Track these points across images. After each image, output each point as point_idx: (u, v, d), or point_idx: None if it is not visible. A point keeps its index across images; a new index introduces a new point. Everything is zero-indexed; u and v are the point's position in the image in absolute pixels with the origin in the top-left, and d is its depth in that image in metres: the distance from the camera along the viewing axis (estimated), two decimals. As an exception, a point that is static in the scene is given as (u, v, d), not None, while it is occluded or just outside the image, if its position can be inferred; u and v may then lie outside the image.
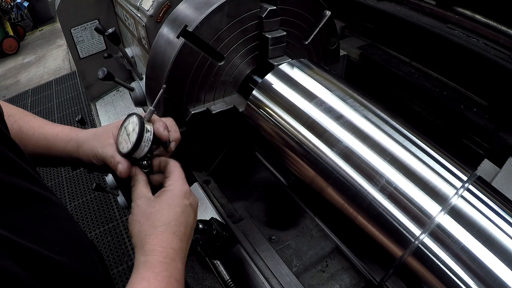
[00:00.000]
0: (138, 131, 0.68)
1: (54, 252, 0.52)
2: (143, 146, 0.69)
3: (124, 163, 0.70)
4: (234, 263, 0.98)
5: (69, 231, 0.60)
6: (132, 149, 0.68)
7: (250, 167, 1.28)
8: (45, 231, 0.53)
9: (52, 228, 0.55)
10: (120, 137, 0.72)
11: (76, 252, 0.59)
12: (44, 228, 0.53)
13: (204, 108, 0.97)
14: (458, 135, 1.31)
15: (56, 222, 0.57)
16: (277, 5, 0.94)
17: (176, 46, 0.87)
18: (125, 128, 0.72)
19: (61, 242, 0.55)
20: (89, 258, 0.63)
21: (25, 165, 0.55)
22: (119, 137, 0.73)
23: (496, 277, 0.55)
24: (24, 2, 7.36)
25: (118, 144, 0.72)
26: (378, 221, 0.64)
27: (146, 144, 0.70)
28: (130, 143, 0.69)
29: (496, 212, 0.61)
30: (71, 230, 0.61)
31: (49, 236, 0.53)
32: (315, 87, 0.82)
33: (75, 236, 0.61)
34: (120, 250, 2.86)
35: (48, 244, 0.52)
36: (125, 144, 0.70)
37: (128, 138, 0.70)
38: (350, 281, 0.96)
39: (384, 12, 1.54)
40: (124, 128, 0.72)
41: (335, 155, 0.71)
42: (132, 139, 0.69)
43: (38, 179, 0.57)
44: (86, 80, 2.07)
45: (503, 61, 1.17)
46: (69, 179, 3.65)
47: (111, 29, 1.32)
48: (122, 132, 0.72)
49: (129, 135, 0.70)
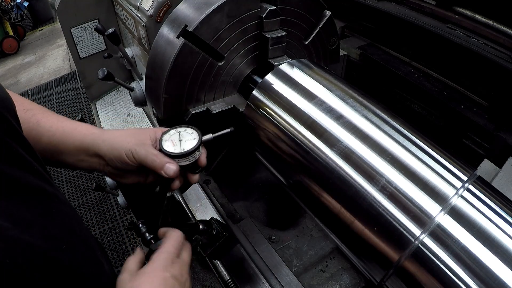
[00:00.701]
0: (196, 145, 0.74)
1: (60, 249, 0.52)
2: (190, 158, 0.75)
3: (174, 163, 0.73)
4: (234, 263, 0.98)
5: (75, 229, 0.60)
6: (182, 154, 0.73)
7: (250, 167, 1.28)
8: (52, 228, 0.53)
9: (58, 225, 0.55)
10: (168, 136, 0.77)
11: (82, 251, 0.59)
12: (52, 224, 0.53)
13: (204, 108, 0.97)
14: (458, 135, 1.31)
15: (63, 220, 0.57)
16: (277, 5, 0.94)
17: (176, 46, 0.87)
18: (179, 133, 0.77)
19: (67, 239, 0.55)
20: (94, 257, 0.63)
21: (34, 162, 0.55)
22: (166, 136, 0.76)
23: (496, 277, 0.55)
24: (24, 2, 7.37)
25: (163, 142, 0.75)
26: (378, 221, 0.64)
27: (191, 159, 0.75)
28: (180, 148, 0.74)
29: (496, 212, 0.61)
30: (77, 228, 0.61)
31: (55, 232, 0.53)
32: (315, 87, 0.82)
33: (81, 234, 0.61)
34: (120, 250, 2.85)
35: (55, 241, 0.52)
36: (172, 146, 0.75)
37: (180, 143, 0.75)
38: (350, 281, 0.96)
39: (384, 12, 1.54)
40: (177, 133, 0.77)
41: (335, 155, 0.71)
42: (184, 146, 0.74)
43: (46, 176, 0.57)
44: (86, 80, 2.07)
45: (503, 61, 1.17)
46: (69, 179, 3.65)
47: (111, 29, 1.32)
48: (172, 134, 0.77)
49: (180, 141, 0.76)
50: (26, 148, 0.55)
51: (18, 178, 0.50)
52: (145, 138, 0.77)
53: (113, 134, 0.78)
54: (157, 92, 0.93)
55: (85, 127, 0.79)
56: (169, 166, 0.73)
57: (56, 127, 0.77)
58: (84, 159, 0.78)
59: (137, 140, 0.76)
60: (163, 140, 0.76)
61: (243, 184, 1.25)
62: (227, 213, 1.10)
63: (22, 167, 0.52)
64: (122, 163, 0.76)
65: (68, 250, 0.54)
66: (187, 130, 0.78)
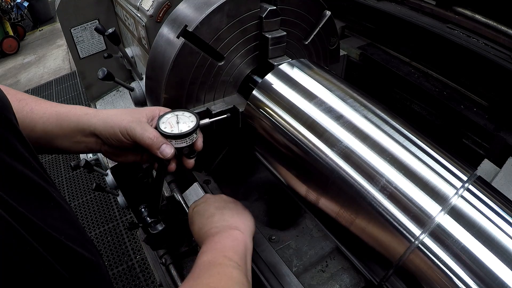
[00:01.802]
0: (194, 127, 0.74)
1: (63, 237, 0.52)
2: (187, 140, 0.74)
3: (171, 145, 0.72)
4: (234, 263, 0.98)
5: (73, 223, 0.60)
6: (179, 135, 0.73)
7: (250, 167, 1.28)
8: (53, 220, 0.53)
9: (58, 219, 0.55)
10: (165, 118, 0.76)
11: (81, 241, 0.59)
12: (52, 217, 0.53)
13: (204, 108, 0.97)
14: (458, 135, 1.31)
15: (61, 213, 0.57)
16: (277, 5, 0.94)
17: (176, 46, 0.87)
18: (176, 116, 0.76)
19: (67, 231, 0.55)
20: (94, 249, 0.63)
21: (32, 160, 0.55)
22: (164, 119, 0.76)
23: (496, 277, 0.55)
24: (24, 2, 7.37)
25: (160, 123, 0.74)
26: (378, 221, 0.64)
27: (188, 141, 0.74)
28: (178, 129, 0.73)
29: (496, 212, 0.61)
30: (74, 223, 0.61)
31: (56, 224, 0.53)
32: (315, 87, 0.82)
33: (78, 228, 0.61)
34: (120, 250, 2.86)
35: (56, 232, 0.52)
36: (170, 128, 0.74)
37: (178, 126, 0.74)
38: (350, 281, 0.96)
39: (384, 12, 1.54)
40: (174, 115, 0.76)
41: (335, 155, 0.71)
42: (181, 128, 0.74)
43: (43, 174, 0.57)
44: (86, 80, 2.07)
45: (503, 61, 1.17)
46: (69, 179, 3.65)
47: (111, 29, 1.32)
48: (170, 117, 0.76)
49: (178, 123, 0.75)
50: (24, 145, 0.55)
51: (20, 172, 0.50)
52: (141, 116, 0.75)
53: (108, 113, 0.77)
54: (157, 92, 0.93)
55: (79, 108, 0.78)
56: (165, 146, 0.72)
57: (49, 112, 0.76)
58: (80, 140, 0.77)
59: (132, 117, 0.74)
60: (160, 122, 0.75)
61: (243, 184, 1.25)
62: (227, 213, 1.10)
63: (23, 164, 0.52)
64: (117, 141, 0.74)
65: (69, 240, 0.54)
66: (185, 114, 0.78)
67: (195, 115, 0.77)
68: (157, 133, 0.73)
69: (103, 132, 0.75)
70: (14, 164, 0.49)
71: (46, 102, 0.79)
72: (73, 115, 0.76)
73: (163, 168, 0.76)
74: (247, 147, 0.97)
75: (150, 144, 0.72)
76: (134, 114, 0.76)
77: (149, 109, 0.79)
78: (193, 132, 0.74)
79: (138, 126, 0.73)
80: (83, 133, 0.76)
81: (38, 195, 0.53)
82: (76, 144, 0.78)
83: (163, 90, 0.90)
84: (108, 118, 0.75)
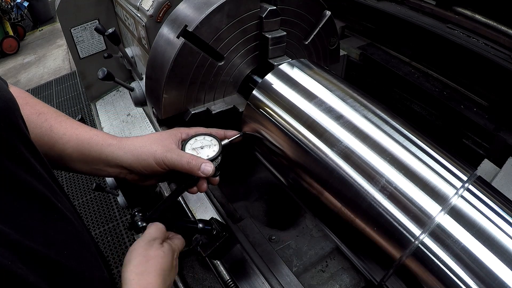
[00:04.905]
0: (218, 151, 0.83)
1: (63, 255, 0.51)
2: (214, 163, 0.81)
3: (210, 163, 0.78)
4: (234, 263, 0.98)
5: (78, 235, 0.59)
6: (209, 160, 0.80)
7: (250, 167, 1.28)
8: (55, 234, 0.52)
9: (61, 232, 0.54)
10: (189, 145, 0.83)
11: (84, 256, 0.59)
12: (54, 230, 0.52)
13: (204, 108, 0.97)
14: (458, 135, 1.31)
15: (65, 225, 0.56)
16: (277, 5, 0.94)
17: (176, 46, 0.87)
18: (199, 141, 0.84)
19: (69, 245, 0.54)
20: (97, 263, 0.63)
21: (39, 167, 0.54)
22: (188, 146, 0.82)
23: (496, 277, 0.55)
24: (24, 2, 7.37)
25: (186, 150, 0.81)
26: (378, 221, 0.64)
27: (215, 164, 0.81)
28: (205, 155, 0.81)
29: (496, 212, 0.61)
30: (80, 235, 0.60)
31: (58, 238, 0.52)
32: (315, 87, 0.82)
33: (83, 241, 0.61)
34: (120, 250, 2.86)
35: (57, 247, 0.51)
36: (196, 154, 0.81)
37: (202, 150, 0.82)
38: (350, 281, 0.96)
39: (384, 12, 1.54)
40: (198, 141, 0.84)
41: (335, 155, 0.71)
42: (208, 153, 0.82)
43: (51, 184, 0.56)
44: (86, 80, 2.07)
45: (503, 61, 1.17)
46: (69, 179, 3.65)
47: (111, 29, 1.32)
48: (193, 143, 0.83)
49: (202, 148, 0.83)
50: (32, 153, 0.54)
51: (23, 180, 0.49)
52: (169, 143, 0.79)
53: (134, 144, 0.77)
54: (157, 92, 0.93)
55: (102, 136, 0.78)
56: (205, 166, 0.77)
57: (69, 134, 0.76)
58: (103, 169, 0.78)
59: (163, 146, 0.77)
60: (186, 149, 0.81)
61: (243, 184, 1.25)
62: (227, 213, 1.10)
63: (27, 171, 0.51)
64: (151, 171, 0.77)
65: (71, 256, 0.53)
66: (205, 138, 0.85)
67: (216, 139, 0.85)
68: (191, 155, 0.78)
69: (133, 165, 0.76)
70: (14, 169, 0.48)
71: (66, 121, 0.78)
72: (95, 144, 0.76)
73: (191, 185, 0.81)
74: (247, 147, 0.97)
75: (190, 168, 0.76)
76: (163, 142, 0.78)
77: (172, 133, 0.82)
78: (219, 156, 0.82)
79: (173, 154, 0.76)
80: (106, 164, 0.77)
81: (41, 205, 0.52)
82: (97, 171, 0.79)
83: (163, 90, 0.90)
84: (136, 150, 0.76)
